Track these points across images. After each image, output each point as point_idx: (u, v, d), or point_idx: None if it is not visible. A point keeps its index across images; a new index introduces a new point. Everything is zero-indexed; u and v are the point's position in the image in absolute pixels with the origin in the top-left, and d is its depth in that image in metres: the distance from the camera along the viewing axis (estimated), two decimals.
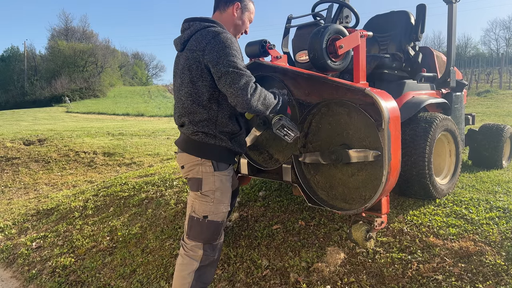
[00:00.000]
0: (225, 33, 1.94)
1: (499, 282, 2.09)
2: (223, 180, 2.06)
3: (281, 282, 2.43)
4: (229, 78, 1.84)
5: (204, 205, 2.02)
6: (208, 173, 2.02)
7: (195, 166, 2.03)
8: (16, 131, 11.55)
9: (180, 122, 2.09)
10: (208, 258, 2.04)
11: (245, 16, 2.18)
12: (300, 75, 2.46)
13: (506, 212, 2.80)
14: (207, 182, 2.01)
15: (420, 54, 3.48)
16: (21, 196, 6.06)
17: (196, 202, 2.04)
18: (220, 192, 2.04)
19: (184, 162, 2.07)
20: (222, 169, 2.06)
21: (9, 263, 3.57)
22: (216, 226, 2.04)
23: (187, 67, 1.96)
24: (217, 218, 2.04)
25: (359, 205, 2.25)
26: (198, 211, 2.02)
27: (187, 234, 2.06)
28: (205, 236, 2.02)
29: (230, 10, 2.12)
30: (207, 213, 2.01)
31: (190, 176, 2.06)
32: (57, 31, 49.73)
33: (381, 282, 2.25)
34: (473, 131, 4.62)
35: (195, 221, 2.02)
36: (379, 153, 2.10)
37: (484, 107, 14.08)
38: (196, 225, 2.02)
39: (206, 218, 2.01)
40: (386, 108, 2.00)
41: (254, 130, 2.82)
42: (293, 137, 2.11)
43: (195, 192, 2.04)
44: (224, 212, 2.07)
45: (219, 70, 1.86)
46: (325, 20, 3.44)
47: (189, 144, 2.03)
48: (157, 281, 2.73)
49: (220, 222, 2.06)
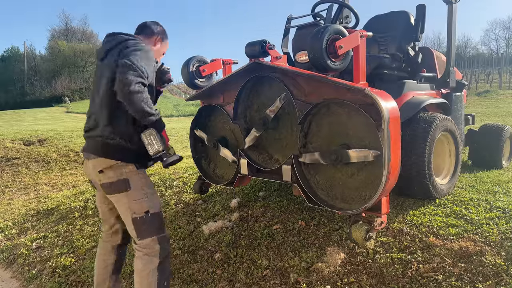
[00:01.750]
0: (144, 43, 2.11)
1: (499, 282, 2.09)
2: (146, 177, 2.16)
3: (281, 282, 2.43)
4: (125, 68, 1.89)
5: (140, 203, 2.07)
6: (132, 172, 2.08)
7: (117, 169, 2.05)
8: (16, 131, 11.55)
9: (93, 125, 2.12)
10: (165, 251, 2.10)
11: (161, 49, 2.39)
12: (300, 76, 2.46)
13: (506, 212, 2.80)
14: (134, 180, 2.07)
15: (420, 54, 3.48)
16: (21, 196, 6.06)
17: (132, 203, 2.06)
18: (147, 187, 2.13)
19: (103, 165, 2.06)
20: (141, 168, 2.14)
21: (9, 263, 3.56)
22: (159, 217, 2.14)
23: (105, 75, 2.04)
24: (157, 209, 2.13)
25: (359, 205, 2.25)
26: (138, 210, 2.07)
27: (137, 236, 2.08)
28: (155, 229, 2.09)
29: (153, 40, 2.32)
30: (147, 208, 2.08)
31: (114, 180, 2.05)
32: (57, 31, 49.71)
33: (381, 282, 2.26)
34: (473, 131, 4.62)
35: (139, 220, 2.06)
36: (379, 153, 2.10)
37: (484, 107, 14.08)
38: (142, 223, 2.06)
39: (149, 213, 2.08)
40: (386, 108, 2.00)
41: (254, 131, 2.82)
42: (156, 149, 2.05)
43: (125, 193, 2.05)
44: (159, 202, 2.18)
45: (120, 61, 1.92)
46: (325, 20, 3.44)
47: (108, 148, 2.05)
48: None
49: (160, 212, 2.15)
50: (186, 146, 8.19)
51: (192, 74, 3.11)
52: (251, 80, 2.80)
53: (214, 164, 3.48)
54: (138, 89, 1.90)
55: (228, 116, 3.05)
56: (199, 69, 3.15)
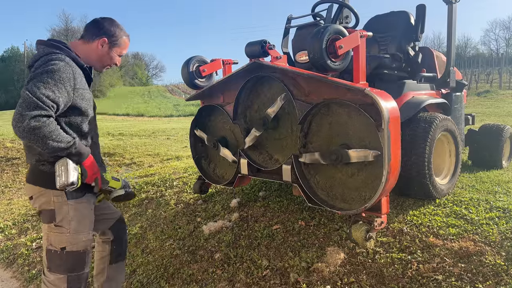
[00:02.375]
0: (58, 60, 1.78)
1: (499, 282, 2.09)
2: (79, 208, 1.91)
3: (281, 282, 2.43)
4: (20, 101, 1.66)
5: (59, 236, 1.87)
6: (60, 202, 1.87)
7: (44, 197, 1.87)
8: None
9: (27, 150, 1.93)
10: (76, 285, 1.91)
11: (113, 52, 2.05)
12: (300, 75, 2.46)
13: (506, 212, 2.80)
14: (60, 212, 1.86)
15: (420, 54, 3.48)
16: (21, 196, 6.05)
17: (51, 234, 1.88)
18: (76, 221, 1.89)
19: (32, 193, 1.92)
20: (77, 197, 1.90)
21: (9, 263, 3.56)
22: (78, 256, 1.91)
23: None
24: (77, 248, 1.90)
25: (359, 205, 2.25)
26: (54, 243, 1.88)
27: (47, 267, 1.90)
28: (66, 267, 1.88)
29: (95, 43, 2.00)
30: (64, 244, 1.87)
31: (42, 208, 1.89)
32: (57, 31, 49.69)
33: (381, 282, 2.26)
34: (473, 131, 4.62)
35: (53, 253, 1.88)
36: (379, 153, 2.10)
37: (484, 107, 14.08)
38: (55, 258, 1.88)
39: (64, 250, 1.87)
40: (386, 108, 2.00)
41: (254, 131, 2.82)
42: (62, 182, 1.79)
43: (48, 223, 1.88)
44: (85, 240, 1.93)
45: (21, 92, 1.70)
46: (325, 20, 3.44)
47: (35, 174, 1.89)
48: (157, 281, 2.73)
49: (81, 251, 1.91)
50: (186, 146, 8.20)
51: (192, 74, 3.11)
52: (251, 80, 2.80)
53: (214, 164, 3.48)
54: (34, 125, 1.63)
55: (228, 116, 3.05)
56: (199, 69, 3.15)
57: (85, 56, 1.99)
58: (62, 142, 1.74)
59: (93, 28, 2.01)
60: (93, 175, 1.92)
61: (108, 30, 2.01)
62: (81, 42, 2.02)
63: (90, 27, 2.02)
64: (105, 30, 2.01)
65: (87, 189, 1.95)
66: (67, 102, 1.80)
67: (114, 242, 2.28)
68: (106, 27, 2.01)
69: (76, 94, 1.84)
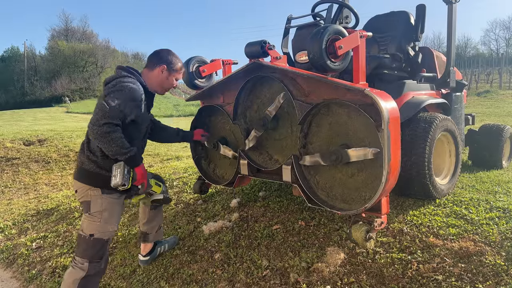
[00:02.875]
0: (132, 83, 2.21)
1: (499, 282, 2.09)
2: (112, 202, 2.28)
3: (281, 282, 2.43)
4: (97, 109, 2.09)
5: (91, 224, 2.23)
6: (96, 195, 2.25)
7: (84, 190, 2.27)
8: (16, 131, 11.55)
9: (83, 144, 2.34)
10: (95, 268, 2.24)
11: (171, 77, 2.46)
12: (299, 76, 2.46)
13: (506, 212, 2.80)
14: (94, 204, 2.24)
15: (420, 54, 3.48)
16: (21, 196, 6.06)
17: (85, 221, 2.25)
18: (108, 213, 2.26)
19: (76, 187, 2.31)
20: (110, 193, 2.28)
21: (9, 263, 3.56)
22: (101, 244, 2.26)
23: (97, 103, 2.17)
24: (103, 236, 2.26)
25: (359, 205, 2.25)
26: (86, 229, 2.24)
27: (75, 251, 2.27)
28: (90, 253, 2.22)
29: (157, 70, 2.41)
30: (94, 231, 2.23)
31: (82, 200, 2.28)
32: (57, 31, 49.69)
33: (381, 282, 2.25)
34: (473, 131, 4.62)
35: (82, 238, 2.24)
36: (378, 150, 2.10)
37: (484, 107, 14.08)
38: (82, 243, 2.24)
39: (92, 236, 2.22)
40: (385, 109, 2.00)
41: (254, 131, 2.82)
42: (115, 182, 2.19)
43: (85, 213, 2.27)
44: (111, 231, 2.29)
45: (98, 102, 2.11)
46: (325, 20, 3.44)
47: (80, 173, 2.28)
48: (157, 281, 2.73)
49: (105, 240, 2.28)
50: (186, 146, 8.20)
51: (192, 75, 3.11)
52: (251, 81, 2.80)
53: (214, 164, 3.48)
54: (106, 130, 2.05)
55: (228, 117, 3.05)
56: (199, 69, 3.15)
57: (149, 82, 2.41)
58: (123, 148, 2.13)
59: (154, 58, 2.42)
60: (141, 179, 2.31)
61: (166, 58, 2.42)
62: (146, 71, 2.42)
63: (152, 57, 2.44)
64: (164, 59, 2.41)
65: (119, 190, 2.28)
66: (130, 116, 2.20)
67: None
68: (165, 56, 2.42)
69: (137, 112, 2.25)
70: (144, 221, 2.88)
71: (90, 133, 2.11)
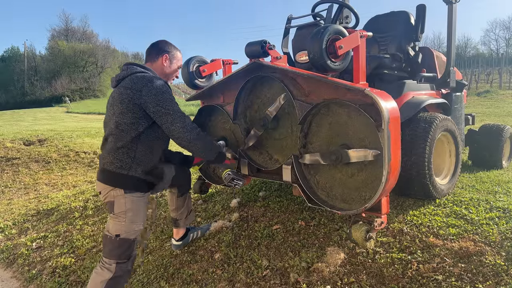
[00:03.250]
0: (157, 79, 2.23)
1: (499, 282, 2.09)
2: (135, 201, 2.25)
3: (281, 282, 2.43)
4: (169, 118, 2.18)
5: (117, 225, 2.21)
6: (119, 196, 2.22)
7: (108, 192, 2.24)
8: (16, 131, 11.55)
9: (104, 144, 2.29)
10: (122, 270, 2.22)
11: (173, 64, 2.49)
12: (300, 76, 2.46)
13: (506, 212, 2.80)
14: (118, 204, 2.22)
15: (420, 54, 3.48)
16: (21, 196, 6.06)
17: (111, 222, 2.23)
18: (132, 213, 2.24)
19: (100, 188, 2.29)
20: (132, 192, 2.25)
21: (9, 263, 3.57)
22: (128, 244, 2.24)
23: (119, 100, 2.17)
24: (129, 236, 2.24)
25: (359, 205, 2.25)
26: (111, 230, 2.22)
27: (103, 251, 2.25)
28: (116, 253, 2.20)
29: (160, 60, 2.42)
30: (119, 231, 2.20)
31: (106, 200, 2.27)
32: (57, 31, 49.72)
33: (381, 282, 2.25)
34: (473, 131, 4.62)
35: (108, 239, 2.22)
36: (378, 152, 2.10)
37: (484, 107, 14.08)
38: (109, 243, 2.21)
39: (118, 236, 2.20)
40: (385, 109, 2.00)
41: (254, 130, 2.82)
42: (241, 185, 2.54)
43: (110, 214, 2.26)
44: (136, 230, 2.28)
45: (159, 111, 2.16)
46: (325, 20, 3.44)
47: (104, 174, 2.25)
48: (157, 281, 2.73)
49: (132, 240, 2.26)
50: None
51: (192, 74, 3.11)
52: (251, 80, 2.80)
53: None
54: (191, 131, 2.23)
55: (228, 116, 3.05)
56: (199, 69, 3.15)
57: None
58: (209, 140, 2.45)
59: (154, 49, 2.42)
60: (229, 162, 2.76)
61: (166, 48, 2.43)
62: (150, 64, 2.42)
63: (151, 49, 2.43)
64: (164, 48, 2.43)
65: (143, 189, 2.30)
66: None
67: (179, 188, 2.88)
68: (164, 46, 2.43)
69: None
70: (173, 208, 2.92)
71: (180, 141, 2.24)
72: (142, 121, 2.19)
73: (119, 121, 2.16)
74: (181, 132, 2.21)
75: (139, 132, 2.19)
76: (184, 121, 2.22)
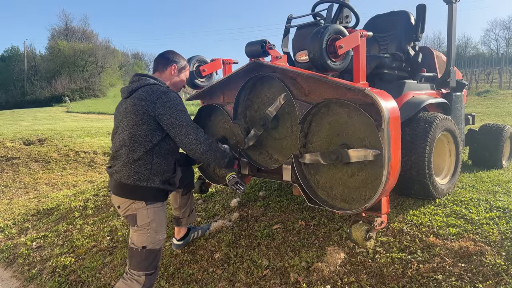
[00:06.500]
0: (171, 91, 2.25)
1: (499, 282, 2.09)
2: (157, 211, 2.26)
3: (281, 282, 2.43)
4: (183, 130, 2.20)
5: (141, 237, 2.21)
6: (141, 208, 2.21)
7: (129, 205, 2.23)
8: (16, 131, 11.55)
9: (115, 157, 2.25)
10: (151, 281, 2.24)
11: (181, 74, 2.52)
12: (300, 75, 2.46)
13: (506, 212, 2.80)
14: (140, 216, 2.21)
15: (420, 54, 3.47)
16: (21, 196, 6.06)
17: (135, 235, 2.23)
18: (156, 223, 2.24)
19: (119, 202, 2.27)
20: (153, 203, 2.25)
21: (9, 263, 3.57)
22: (155, 254, 2.25)
23: (133, 112, 2.16)
24: (155, 246, 2.25)
25: (359, 205, 2.25)
26: (136, 242, 2.21)
27: (129, 264, 2.24)
28: (144, 265, 2.20)
29: (168, 70, 2.44)
30: (145, 243, 2.21)
31: (127, 214, 2.25)
32: (57, 31, 49.68)
33: (381, 282, 2.26)
34: (473, 131, 4.62)
35: (134, 251, 2.21)
36: (378, 152, 2.10)
37: (484, 107, 14.08)
38: (136, 255, 2.21)
39: (145, 248, 2.20)
40: (386, 108, 2.00)
41: (254, 130, 2.82)
42: (242, 190, 2.55)
43: (132, 227, 2.24)
44: (161, 239, 2.29)
45: (173, 123, 2.18)
46: (325, 20, 3.44)
47: (121, 188, 2.21)
48: (157, 280, 2.73)
49: (158, 250, 2.27)
50: None
51: (192, 74, 3.11)
52: (251, 80, 2.80)
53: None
54: (204, 142, 2.27)
55: (228, 116, 3.05)
56: (199, 68, 3.15)
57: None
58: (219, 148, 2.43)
59: (162, 60, 2.45)
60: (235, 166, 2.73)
61: (173, 58, 2.46)
62: (158, 74, 2.44)
63: (159, 60, 2.46)
64: (172, 59, 2.46)
65: (162, 198, 2.32)
66: None
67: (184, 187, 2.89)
68: (172, 57, 2.46)
69: None
70: (176, 206, 2.94)
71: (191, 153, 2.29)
72: (156, 133, 2.19)
73: (133, 133, 2.15)
74: (195, 144, 2.24)
75: (153, 145, 2.19)
76: (198, 133, 2.25)
